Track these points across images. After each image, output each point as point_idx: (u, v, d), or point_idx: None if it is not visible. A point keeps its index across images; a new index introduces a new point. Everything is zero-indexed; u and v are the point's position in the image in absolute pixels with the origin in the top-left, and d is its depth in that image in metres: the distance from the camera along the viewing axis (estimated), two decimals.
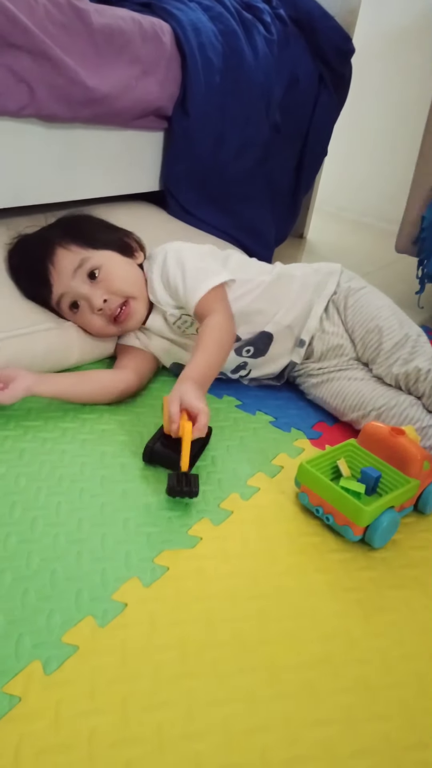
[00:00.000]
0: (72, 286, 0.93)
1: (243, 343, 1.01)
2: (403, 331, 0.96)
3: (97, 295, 0.93)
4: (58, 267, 0.93)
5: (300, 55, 1.50)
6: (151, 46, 1.17)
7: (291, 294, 1.02)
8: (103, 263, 0.94)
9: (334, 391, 1.00)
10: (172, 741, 0.50)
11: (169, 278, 0.95)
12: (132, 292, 0.96)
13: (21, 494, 0.75)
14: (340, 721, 0.54)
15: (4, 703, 0.52)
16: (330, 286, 1.03)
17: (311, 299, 1.03)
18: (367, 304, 1.00)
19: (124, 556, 0.68)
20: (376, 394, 0.95)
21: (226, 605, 0.63)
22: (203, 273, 0.94)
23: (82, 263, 0.93)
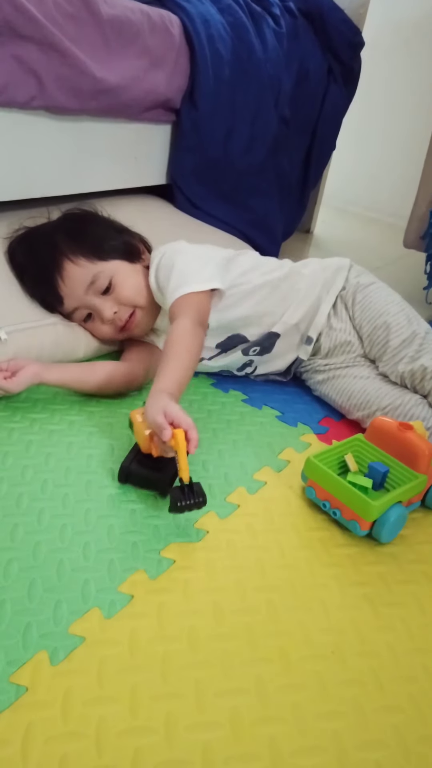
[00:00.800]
0: (84, 300, 0.94)
1: (250, 344, 1.01)
2: (411, 328, 0.95)
3: (107, 307, 0.94)
4: (68, 282, 0.93)
5: (309, 48, 1.49)
6: (160, 38, 1.17)
7: (299, 293, 1.01)
8: (113, 275, 0.94)
9: (339, 388, 1.00)
10: (181, 731, 0.50)
11: (159, 280, 0.94)
12: (140, 302, 0.96)
13: (27, 485, 0.75)
14: (349, 712, 0.54)
15: (11, 693, 0.52)
16: (338, 282, 1.03)
17: (319, 296, 1.02)
18: (375, 300, 0.99)
19: (130, 547, 0.68)
20: (381, 393, 0.94)
21: (233, 597, 0.63)
22: (190, 276, 0.90)
23: (94, 279, 0.93)
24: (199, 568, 0.66)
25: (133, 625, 0.59)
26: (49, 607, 0.59)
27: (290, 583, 0.66)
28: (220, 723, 0.51)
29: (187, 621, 0.60)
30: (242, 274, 0.99)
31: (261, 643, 0.59)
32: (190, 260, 0.94)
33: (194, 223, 1.39)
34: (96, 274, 0.93)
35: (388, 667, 0.58)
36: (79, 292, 0.93)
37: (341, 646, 0.60)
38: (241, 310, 0.98)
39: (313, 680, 0.56)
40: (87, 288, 0.93)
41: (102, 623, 0.58)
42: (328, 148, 1.72)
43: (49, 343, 0.95)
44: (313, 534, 0.74)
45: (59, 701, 0.51)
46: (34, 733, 0.49)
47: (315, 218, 2.11)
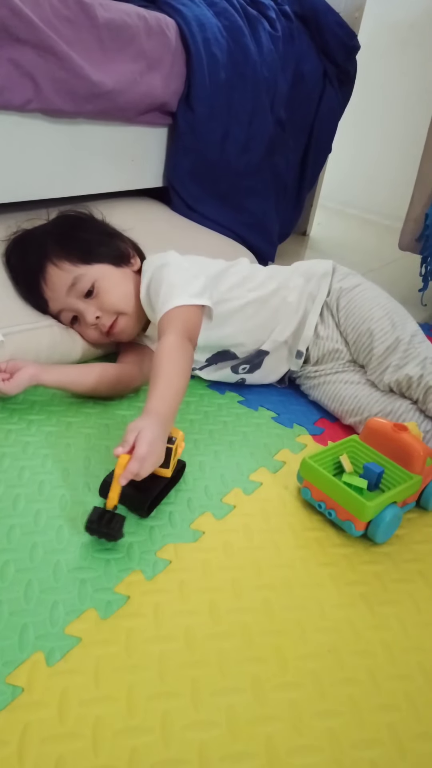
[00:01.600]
0: (68, 302, 0.94)
1: (239, 361, 1.01)
2: (395, 333, 0.94)
3: (90, 312, 0.93)
4: (51, 286, 0.93)
5: (305, 51, 1.50)
6: (156, 41, 1.17)
7: (290, 307, 1.00)
8: (96, 279, 0.93)
9: (331, 394, 1.00)
10: (177, 730, 0.50)
11: (150, 295, 0.92)
12: (124, 309, 0.95)
13: (24, 487, 0.75)
14: (345, 711, 0.54)
15: (8, 694, 0.52)
16: (323, 290, 1.01)
17: (306, 308, 1.01)
18: (359, 305, 0.98)
19: (127, 549, 0.68)
20: (372, 400, 0.95)
21: (230, 596, 0.63)
22: (179, 289, 0.89)
23: (75, 282, 0.92)
24: (195, 568, 0.67)
25: (130, 625, 0.59)
26: (45, 608, 0.59)
27: (286, 582, 0.66)
28: (217, 722, 0.52)
29: (184, 621, 0.60)
30: (230, 289, 0.98)
31: (257, 642, 0.59)
32: (180, 274, 0.92)
33: (190, 225, 1.39)
34: (77, 276, 0.92)
35: (384, 665, 0.59)
36: (60, 294, 0.93)
37: (337, 645, 0.60)
38: (229, 328, 0.97)
39: (309, 679, 0.56)
40: (68, 290, 0.93)
41: (98, 624, 0.59)
42: (324, 151, 1.72)
43: (46, 344, 0.95)
44: (309, 534, 0.74)
45: (56, 702, 0.51)
46: (30, 734, 0.49)
47: (311, 220, 2.12)
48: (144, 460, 0.66)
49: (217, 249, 1.33)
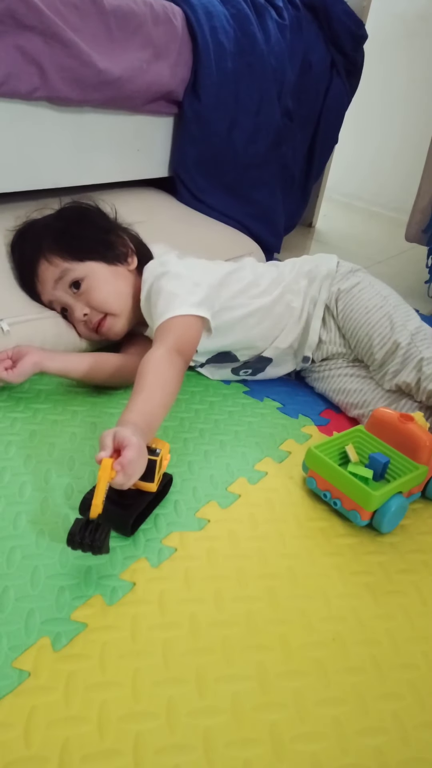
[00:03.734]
0: (56, 295, 0.94)
1: (240, 364, 1.01)
2: (394, 337, 0.91)
3: (78, 308, 0.93)
4: (41, 279, 0.94)
5: (312, 40, 1.48)
6: (163, 29, 1.17)
7: (292, 316, 0.98)
8: (85, 276, 0.92)
9: (336, 387, 1.00)
10: (182, 716, 0.51)
11: (150, 305, 0.89)
12: (112, 308, 0.93)
13: (30, 475, 0.75)
14: (349, 699, 0.54)
15: (14, 678, 0.52)
16: (323, 293, 0.99)
17: (309, 313, 0.99)
18: (356, 308, 0.96)
19: (132, 536, 0.68)
20: (376, 396, 0.95)
21: (235, 585, 0.64)
22: (177, 299, 0.85)
23: (62, 275, 0.92)
24: (200, 556, 0.67)
25: (135, 611, 0.59)
26: (51, 594, 0.60)
27: (291, 571, 0.67)
28: (222, 708, 0.52)
29: (189, 608, 0.60)
30: (233, 297, 0.95)
31: (262, 631, 0.59)
32: (179, 282, 0.88)
33: (196, 216, 1.39)
34: (64, 270, 0.92)
35: (388, 654, 0.59)
36: (48, 287, 0.93)
37: (342, 634, 0.60)
38: (231, 338, 0.96)
39: (314, 667, 0.57)
40: (54, 283, 0.92)
41: (104, 610, 0.59)
42: (330, 141, 1.71)
43: (51, 335, 0.95)
44: (314, 524, 0.74)
45: (62, 686, 0.52)
46: (36, 717, 0.49)
47: (317, 212, 2.11)
48: (132, 446, 0.61)
49: (223, 240, 1.33)
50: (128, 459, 0.60)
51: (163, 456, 0.68)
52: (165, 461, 0.71)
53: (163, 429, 0.87)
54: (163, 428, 0.87)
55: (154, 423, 0.70)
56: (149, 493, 0.68)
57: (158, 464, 0.67)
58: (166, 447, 0.70)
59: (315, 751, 0.50)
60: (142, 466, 0.63)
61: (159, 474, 0.68)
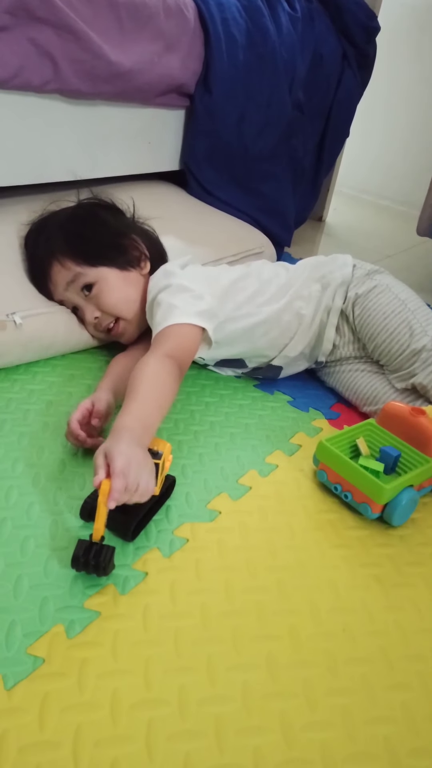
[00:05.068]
0: (67, 296, 0.95)
1: (249, 372, 1.01)
2: (413, 345, 0.89)
3: (89, 311, 0.94)
4: (53, 281, 0.94)
5: (324, 32, 1.47)
6: (175, 21, 1.16)
7: (302, 324, 0.96)
8: (97, 280, 0.92)
9: (347, 382, 1.00)
10: (193, 703, 0.51)
11: (151, 315, 0.89)
12: (122, 313, 0.94)
13: (44, 467, 0.76)
14: (358, 689, 0.55)
15: (29, 664, 0.53)
16: (338, 300, 0.96)
17: (322, 321, 0.97)
18: (374, 314, 0.93)
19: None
20: (388, 391, 0.94)
21: (245, 575, 0.64)
22: (177, 309, 0.84)
23: (74, 279, 0.93)
24: (211, 547, 0.67)
25: (147, 600, 0.60)
26: (65, 583, 0.60)
27: (300, 563, 0.67)
28: (232, 696, 0.52)
29: (199, 598, 0.61)
30: (238, 307, 0.93)
31: (271, 621, 0.60)
32: (181, 296, 0.87)
33: (207, 209, 1.39)
34: (77, 274, 0.92)
35: (396, 645, 0.59)
36: (60, 289, 0.94)
37: (351, 625, 0.61)
38: (237, 348, 0.96)
39: (323, 657, 0.57)
40: (66, 285, 0.93)
41: (117, 599, 0.60)
42: (341, 135, 1.70)
43: (62, 329, 0.95)
44: (324, 516, 0.75)
45: (75, 673, 0.53)
46: (50, 703, 0.50)
47: (327, 206, 2.10)
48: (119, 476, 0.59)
49: (234, 234, 1.32)
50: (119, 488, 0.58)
51: (165, 458, 0.67)
52: (168, 463, 0.69)
53: (174, 422, 0.88)
54: (174, 421, 0.88)
55: (151, 425, 0.69)
56: (151, 497, 0.65)
57: (161, 467, 0.66)
58: (167, 448, 0.68)
59: (324, 739, 0.50)
60: (145, 475, 0.62)
61: (162, 476, 0.67)
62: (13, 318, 0.89)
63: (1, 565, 0.61)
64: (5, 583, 0.59)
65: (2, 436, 0.79)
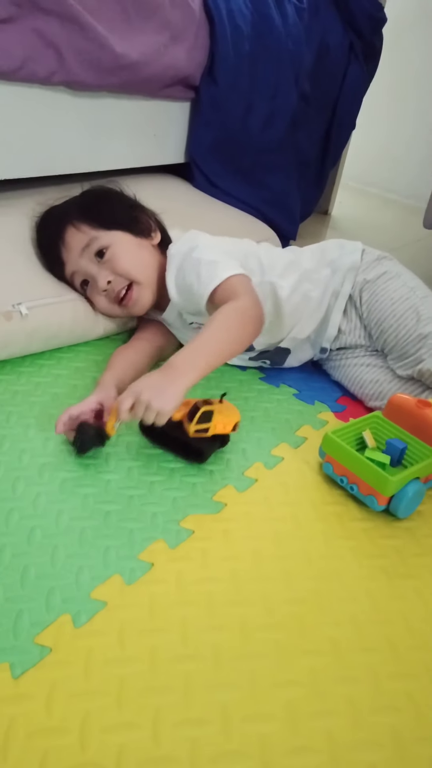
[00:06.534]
0: (81, 264, 0.93)
1: (257, 354, 0.99)
2: (419, 330, 0.89)
3: (102, 276, 0.92)
4: (68, 246, 0.94)
5: (331, 23, 1.46)
6: (180, 12, 1.16)
7: (310, 306, 0.96)
8: (111, 243, 0.92)
9: (351, 377, 0.99)
10: (199, 691, 0.52)
11: (186, 277, 0.88)
12: (137, 277, 0.93)
13: (50, 456, 0.76)
14: (364, 678, 0.55)
15: (36, 653, 0.53)
16: (346, 286, 0.96)
17: (329, 305, 0.97)
18: (382, 299, 0.93)
19: (150, 518, 0.69)
20: (393, 386, 0.94)
21: (251, 566, 0.64)
22: (221, 265, 0.86)
23: (89, 243, 0.92)
24: (217, 538, 0.67)
25: (153, 590, 0.60)
26: (71, 573, 0.61)
27: (306, 553, 0.67)
28: (239, 684, 0.53)
29: (206, 587, 0.61)
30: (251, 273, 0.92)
31: (277, 610, 0.60)
32: (214, 251, 0.90)
33: (212, 202, 1.38)
34: (92, 238, 0.92)
35: (402, 635, 0.59)
36: (75, 255, 0.93)
37: (356, 615, 0.61)
38: None
39: (329, 646, 0.57)
40: (82, 251, 0.93)
41: (123, 589, 0.60)
42: (347, 127, 1.69)
43: (68, 319, 0.96)
44: (329, 508, 0.75)
45: (82, 661, 0.53)
46: (57, 691, 0.51)
47: (333, 199, 2.09)
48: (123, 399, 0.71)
49: (239, 227, 1.32)
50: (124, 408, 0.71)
51: (216, 410, 0.76)
52: (219, 425, 0.76)
53: None
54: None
55: (197, 364, 0.75)
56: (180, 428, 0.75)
57: (200, 413, 0.74)
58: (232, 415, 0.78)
59: (330, 727, 0.51)
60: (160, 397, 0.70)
61: (197, 424, 0.74)
62: (19, 308, 0.89)
63: (8, 555, 0.62)
64: (12, 573, 0.60)
65: (9, 428, 0.80)
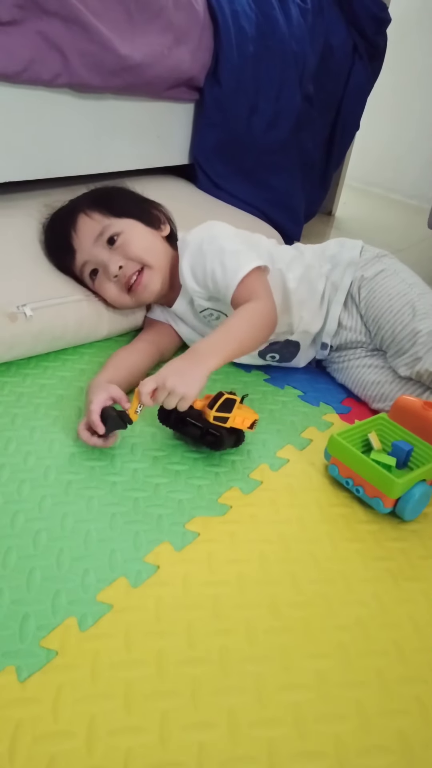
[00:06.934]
0: (93, 253, 0.93)
1: (266, 347, 0.99)
2: (413, 324, 0.89)
3: (114, 261, 0.92)
4: (80, 234, 0.94)
5: (334, 23, 1.46)
6: (184, 13, 1.16)
7: (314, 300, 0.97)
8: (123, 230, 0.93)
9: (354, 379, 0.99)
10: (206, 694, 0.52)
11: (206, 264, 0.89)
12: (149, 261, 0.93)
13: (54, 459, 0.76)
14: (371, 682, 0.54)
15: (42, 656, 0.53)
16: (345, 280, 0.98)
17: (329, 299, 0.98)
18: (379, 295, 0.94)
19: (156, 520, 0.69)
20: (395, 387, 0.94)
21: (257, 568, 0.64)
22: (243, 255, 0.88)
23: (103, 231, 0.93)
24: (223, 540, 0.67)
25: (159, 593, 0.60)
26: (77, 576, 0.61)
27: (312, 556, 0.67)
28: (245, 688, 0.53)
29: (212, 590, 0.61)
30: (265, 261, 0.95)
31: (284, 613, 0.60)
32: (234, 241, 0.92)
33: (216, 203, 1.38)
34: (106, 226, 0.93)
35: (410, 638, 0.59)
36: (88, 243, 0.93)
37: (364, 618, 0.60)
38: None
39: (336, 650, 0.57)
40: (95, 239, 0.93)
41: (129, 591, 0.60)
42: (351, 128, 1.69)
43: (73, 320, 0.96)
44: (335, 510, 0.75)
45: (88, 664, 0.53)
46: (64, 694, 0.50)
47: (337, 200, 2.09)
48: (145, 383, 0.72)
49: (243, 228, 1.31)
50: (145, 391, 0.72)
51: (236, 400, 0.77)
52: (238, 418, 0.78)
53: None
54: None
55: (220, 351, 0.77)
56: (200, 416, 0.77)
57: (222, 399, 0.76)
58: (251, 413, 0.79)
59: (337, 731, 0.50)
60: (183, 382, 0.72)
61: (217, 412, 0.76)
62: (24, 310, 0.89)
63: (13, 557, 0.61)
64: (18, 576, 0.60)
65: (14, 430, 0.80)
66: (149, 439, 0.82)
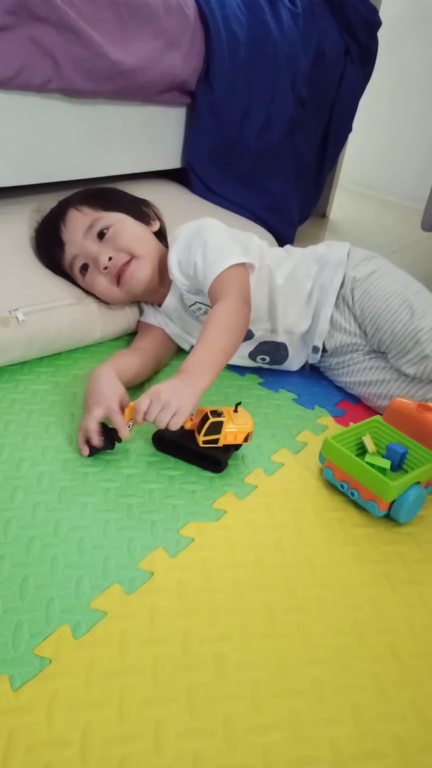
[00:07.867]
0: (83, 245, 0.94)
1: (255, 347, 0.99)
2: (413, 323, 0.89)
3: (104, 253, 0.93)
4: (70, 227, 0.95)
5: (326, 27, 1.47)
6: (175, 18, 1.16)
7: (300, 299, 0.97)
8: (113, 223, 0.94)
9: (357, 380, 0.99)
10: (202, 701, 0.51)
11: (190, 255, 0.90)
12: (138, 251, 0.94)
13: (48, 465, 0.76)
14: (367, 686, 0.54)
15: (36, 664, 0.53)
16: (335, 281, 0.96)
17: (319, 300, 0.97)
18: (375, 296, 0.93)
19: (150, 526, 0.68)
20: (401, 384, 0.93)
21: (253, 574, 0.64)
22: (226, 250, 0.89)
23: (93, 224, 0.94)
24: (217, 546, 0.67)
25: (154, 600, 0.60)
26: (71, 583, 0.60)
27: (308, 560, 0.67)
28: (241, 694, 0.52)
29: (207, 596, 0.61)
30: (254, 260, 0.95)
31: (280, 618, 0.59)
32: (221, 235, 0.93)
33: (209, 207, 1.38)
34: (95, 219, 0.94)
35: (407, 642, 0.59)
36: (77, 236, 0.94)
37: (360, 622, 0.60)
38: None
39: (333, 655, 0.57)
40: (85, 232, 0.94)
41: (123, 598, 0.59)
42: (344, 130, 1.69)
43: (66, 324, 0.95)
44: (331, 514, 0.74)
45: (82, 672, 0.52)
46: (58, 702, 0.50)
47: (331, 202, 2.09)
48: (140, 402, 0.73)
49: None
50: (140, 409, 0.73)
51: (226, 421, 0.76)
52: (230, 435, 0.77)
53: None
54: None
55: (209, 366, 0.79)
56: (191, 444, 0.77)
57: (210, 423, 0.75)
58: (247, 423, 0.78)
59: (334, 736, 0.50)
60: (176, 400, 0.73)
61: (206, 435, 0.76)
62: (16, 314, 0.89)
63: (6, 565, 0.61)
64: (11, 584, 0.59)
65: (7, 437, 0.79)
66: (143, 445, 0.81)
